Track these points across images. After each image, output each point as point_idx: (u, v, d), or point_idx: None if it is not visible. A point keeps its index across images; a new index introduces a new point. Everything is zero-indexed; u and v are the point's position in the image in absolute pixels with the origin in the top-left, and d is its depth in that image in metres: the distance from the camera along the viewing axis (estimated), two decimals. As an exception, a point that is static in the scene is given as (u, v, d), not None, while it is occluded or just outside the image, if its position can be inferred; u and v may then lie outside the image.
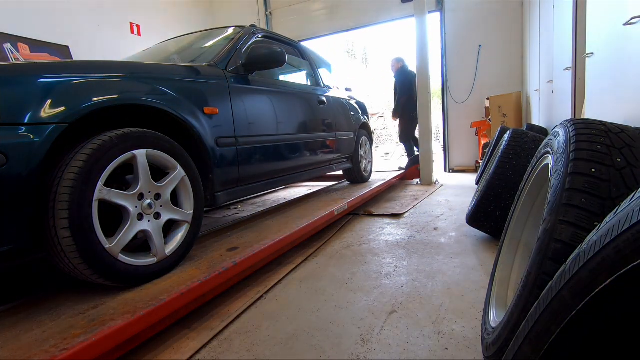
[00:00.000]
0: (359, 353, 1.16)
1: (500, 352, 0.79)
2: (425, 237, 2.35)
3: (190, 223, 1.58)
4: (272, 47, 2.12)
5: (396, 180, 4.49)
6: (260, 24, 6.81)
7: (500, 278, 1.17)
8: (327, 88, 3.33)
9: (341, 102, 3.48)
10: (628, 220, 0.43)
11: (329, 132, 3.11)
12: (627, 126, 0.86)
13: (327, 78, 3.49)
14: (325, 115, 3.06)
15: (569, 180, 0.76)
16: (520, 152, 1.98)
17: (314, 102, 2.91)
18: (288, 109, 2.54)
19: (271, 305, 1.53)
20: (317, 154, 2.91)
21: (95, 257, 1.20)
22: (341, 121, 3.36)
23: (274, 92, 2.39)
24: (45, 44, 4.09)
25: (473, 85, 5.66)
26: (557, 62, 3.19)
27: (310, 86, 3.12)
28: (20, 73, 1.16)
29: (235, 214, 3.09)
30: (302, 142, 2.66)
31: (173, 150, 1.51)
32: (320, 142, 2.96)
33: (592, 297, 0.44)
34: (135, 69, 1.55)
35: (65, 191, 1.14)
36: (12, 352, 0.98)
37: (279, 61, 2.13)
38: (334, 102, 3.29)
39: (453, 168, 5.98)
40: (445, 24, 5.72)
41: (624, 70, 1.66)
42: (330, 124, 3.13)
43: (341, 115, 3.38)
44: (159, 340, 1.27)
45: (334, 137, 3.19)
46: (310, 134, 2.80)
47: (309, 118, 2.80)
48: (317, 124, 2.92)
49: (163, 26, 5.67)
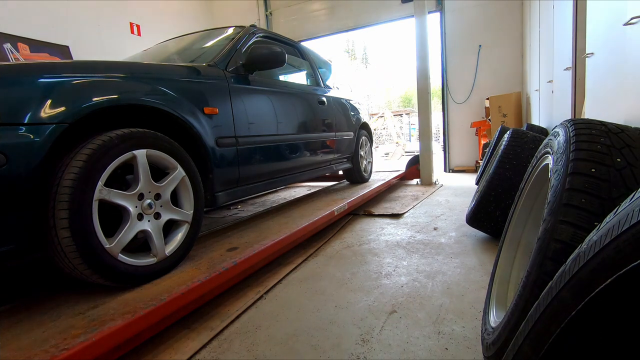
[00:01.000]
0: (359, 353, 1.16)
1: (500, 352, 0.79)
2: (425, 237, 2.35)
3: (190, 223, 1.58)
4: (272, 47, 2.12)
5: (396, 180, 4.49)
6: (260, 24, 6.81)
7: (500, 278, 1.17)
8: (327, 88, 3.33)
9: (341, 102, 3.48)
10: (628, 220, 0.43)
11: (329, 132, 3.11)
12: (627, 126, 0.86)
13: (327, 78, 3.49)
14: (325, 115, 3.06)
15: (569, 180, 0.76)
16: (520, 152, 1.98)
17: (314, 102, 2.91)
18: (288, 109, 2.54)
19: (271, 305, 1.53)
20: (317, 154, 2.91)
21: (95, 257, 1.20)
22: (341, 121, 3.36)
23: (274, 92, 2.39)
24: (45, 44, 4.09)
25: (473, 85, 5.66)
26: (557, 62, 3.18)
27: (310, 86, 3.12)
28: (20, 73, 1.16)
29: (235, 214, 3.09)
30: (302, 142, 2.66)
31: (173, 150, 1.51)
32: (320, 142, 2.96)
33: (592, 297, 0.44)
34: (136, 69, 1.55)
35: (65, 191, 1.14)
36: (12, 352, 0.98)
37: (279, 61, 2.13)
38: (334, 102, 3.29)
39: (453, 168, 5.99)
40: (445, 24, 5.73)
41: (624, 70, 1.66)
42: (330, 124, 3.13)
43: (341, 115, 3.38)
44: (159, 340, 1.27)
45: (334, 137, 3.19)
46: (310, 134, 2.80)
47: (309, 118, 2.80)
48: (317, 124, 2.92)
49: (163, 26, 5.67)
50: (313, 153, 2.84)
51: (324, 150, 3.03)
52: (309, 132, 2.78)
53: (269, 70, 2.27)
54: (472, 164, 5.79)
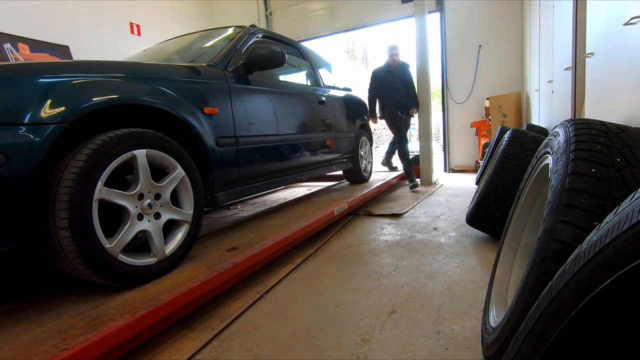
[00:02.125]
0: (359, 353, 1.16)
1: (500, 352, 0.79)
2: (425, 237, 2.35)
3: (190, 223, 1.58)
4: (272, 46, 2.12)
5: (396, 180, 4.49)
6: (260, 24, 6.81)
7: (500, 278, 1.17)
8: (327, 88, 3.33)
9: (341, 102, 3.48)
10: (628, 220, 0.43)
11: (329, 132, 3.10)
12: (627, 126, 0.86)
13: (327, 78, 3.49)
14: (325, 115, 3.06)
15: (569, 180, 0.76)
16: (520, 152, 1.98)
17: (314, 102, 2.91)
18: (288, 109, 2.54)
19: (271, 305, 1.53)
20: (317, 154, 2.91)
21: (95, 257, 1.20)
22: (341, 121, 3.36)
23: (274, 92, 2.39)
24: (45, 44, 4.09)
25: (473, 85, 5.66)
26: (557, 62, 3.18)
27: (310, 86, 3.12)
28: (20, 73, 1.16)
29: (235, 214, 3.09)
30: (302, 142, 2.65)
31: (173, 150, 1.51)
32: (320, 142, 2.96)
33: (592, 297, 0.44)
34: (135, 69, 1.55)
35: (65, 191, 1.14)
36: (12, 352, 0.98)
37: (279, 61, 2.13)
38: (334, 102, 3.29)
39: (453, 168, 5.98)
40: (445, 24, 5.72)
41: (624, 70, 1.66)
42: (330, 124, 3.13)
43: (341, 115, 3.38)
44: (159, 340, 1.27)
45: (334, 137, 3.19)
46: (310, 134, 2.80)
47: (309, 118, 2.80)
48: (317, 124, 2.92)
49: (163, 26, 5.66)
50: (313, 153, 2.84)
51: (323, 150, 3.03)
52: (309, 132, 2.78)
53: (269, 70, 2.27)
54: (472, 164, 5.79)
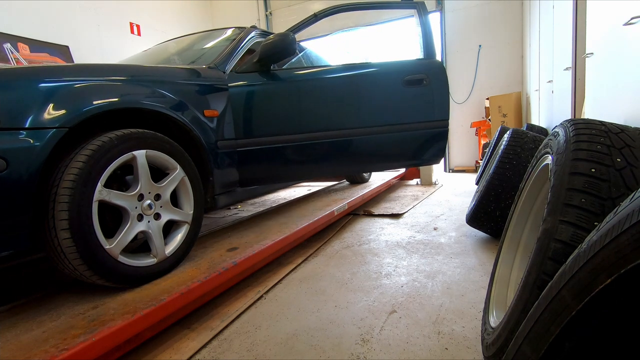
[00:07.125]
0: (359, 353, 1.16)
1: (500, 352, 0.79)
2: (425, 237, 2.35)
3: (190, 223, 1.58)
4: (277, 42, 2.07)
5: (396, 180, 4.49)
6: (260, 24, 6.82)
7: (500, 278, 1.17)
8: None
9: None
10: (628, 220, 0.43)
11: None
12: (627, 126, 0.86)
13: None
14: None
15: (569, 180, 0.76)
16: (520, 152, 1.98)
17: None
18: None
19: (271, 305, 1.53)
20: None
21: (95, 258, 1.20)
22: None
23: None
24: (45, 44, 4.09)
25: (473, 85, 5.66)
26: (557, 62, 3.18)
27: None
28: (20, 77, 1.16)
29: (235, 214, 3.08)
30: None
31: (173, 151, 1.51)
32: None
33: (592, 297, 0.44)
34: (136, 72, 1.55)
35: (65, 192, 1.14)
36: (12, 352, 0.98)
37: (291, 50, 2.05)
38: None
39: (453, 168, 5.99)
40: (445, 24, 5.73)
41: (624, 70, 1.66)
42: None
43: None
44: (159, 340, 1.27)
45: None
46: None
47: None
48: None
49: (163, 26, 5.67)
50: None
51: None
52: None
53: (269, 71, 2.26)
54: (472, 164, 5.79)
